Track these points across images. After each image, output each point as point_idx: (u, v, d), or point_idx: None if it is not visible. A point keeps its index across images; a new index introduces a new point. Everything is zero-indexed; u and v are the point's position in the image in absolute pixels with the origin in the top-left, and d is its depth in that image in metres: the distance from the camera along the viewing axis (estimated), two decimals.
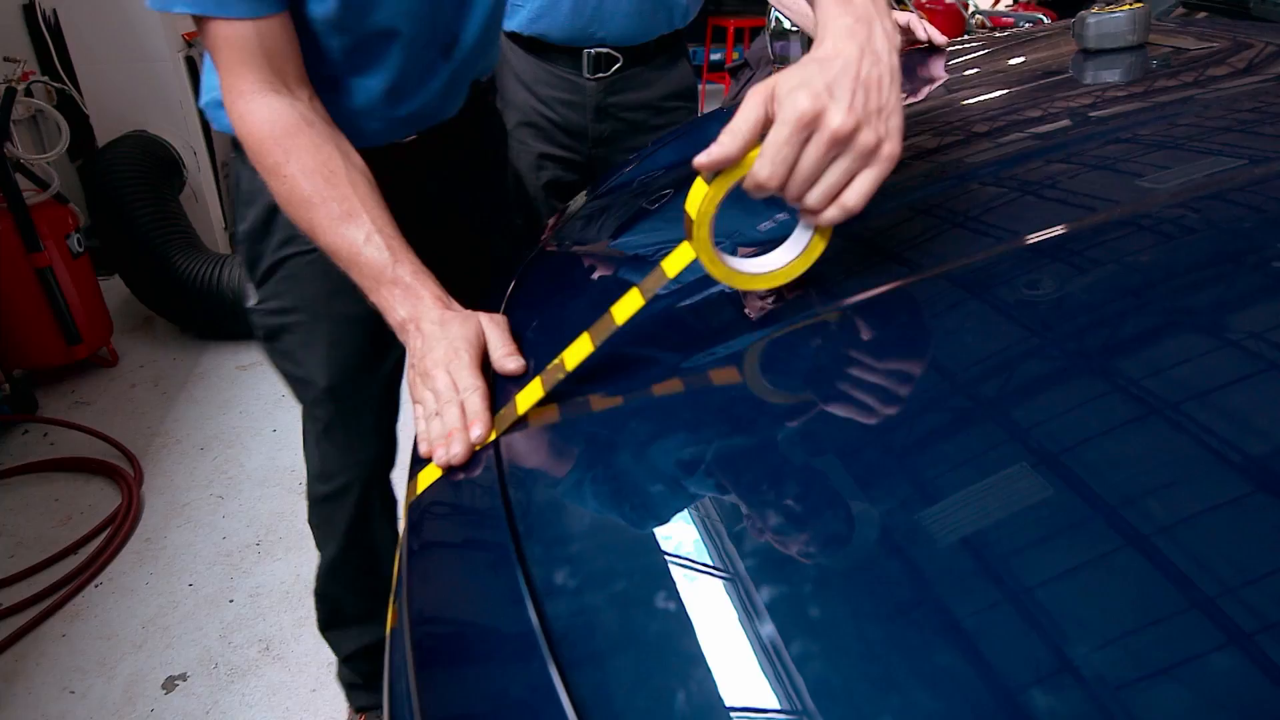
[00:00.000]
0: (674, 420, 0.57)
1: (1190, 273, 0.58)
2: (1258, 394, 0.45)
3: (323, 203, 0.73)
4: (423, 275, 0.74)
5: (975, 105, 1.00)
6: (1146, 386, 0.47)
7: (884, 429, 0.49)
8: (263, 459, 2.05)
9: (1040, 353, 0.52)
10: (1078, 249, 0.62)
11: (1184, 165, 0.71)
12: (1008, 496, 0.42)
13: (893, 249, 0.69)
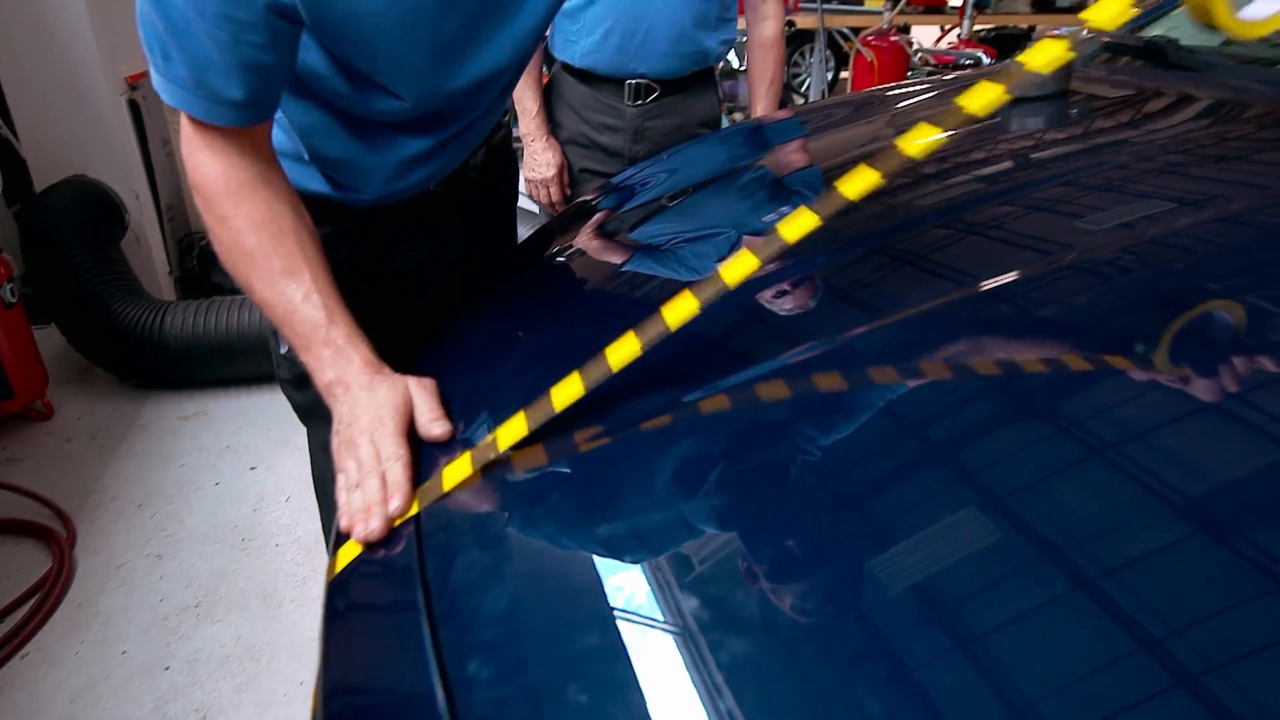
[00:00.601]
0: (604, 491, 0.55)
1: (1117, 315, 0.59)
2: (1196, 432, 0.45)
3: (265, 258, 0.72)
4: (355, 339, 0.73)
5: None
6: (1090, 427, 0.47)
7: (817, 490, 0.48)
8: (204, 514, 1.98)
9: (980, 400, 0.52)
10: (1015, 293, 0.62)
11: (1105, 210, 0.72)
12: (958, 543, 0.42)
13: (847, 295, 0.69)
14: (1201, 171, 0.80)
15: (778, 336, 0.66)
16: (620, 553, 0.50)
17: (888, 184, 0.85)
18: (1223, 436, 0.46)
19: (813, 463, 0.51)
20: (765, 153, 1.24)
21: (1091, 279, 0.63)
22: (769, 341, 0.65)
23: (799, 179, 1.06)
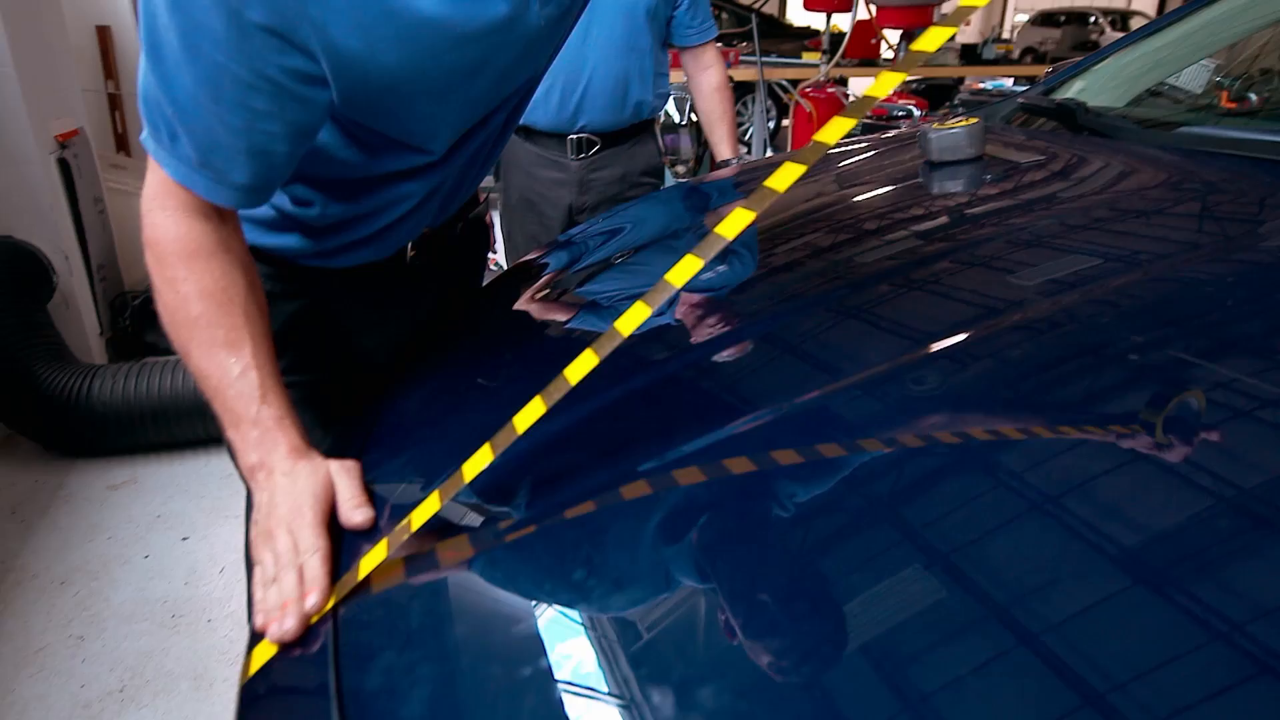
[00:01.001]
0: (531, 580, 0.54)
1: (1045, 371, 0.60)
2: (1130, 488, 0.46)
3: (208, 327, 0.70)
4: (286, 421, 0.71)
5: (836, 213, 1.05)
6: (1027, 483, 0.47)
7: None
8: (131, 590, 1.88)
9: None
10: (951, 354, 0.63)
11: (1020, 271, 0.75)
12: (924, 609, 0.42)
13: (785, 359, 0.70)
14: (1103, 232, 0.83)
15: (693, 417, 0.66)
16: (548, 647, 0.48)
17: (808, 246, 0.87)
18: (1163, 493, 0.47)
19: (748, 555, 0.51)
20: (701, 214, 1.26)
21: (1009, 341, 0.65)
22: (677, 425, 0.65)
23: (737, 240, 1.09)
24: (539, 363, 0.85)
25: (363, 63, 0.65)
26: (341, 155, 0.77)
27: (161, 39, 0.61)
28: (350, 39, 0.63)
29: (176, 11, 0.59)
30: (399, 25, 0.64)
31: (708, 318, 0.83)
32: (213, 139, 0.64)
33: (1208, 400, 0.53)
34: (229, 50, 0.60)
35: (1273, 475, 0.47)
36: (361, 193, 0.85)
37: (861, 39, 5.28)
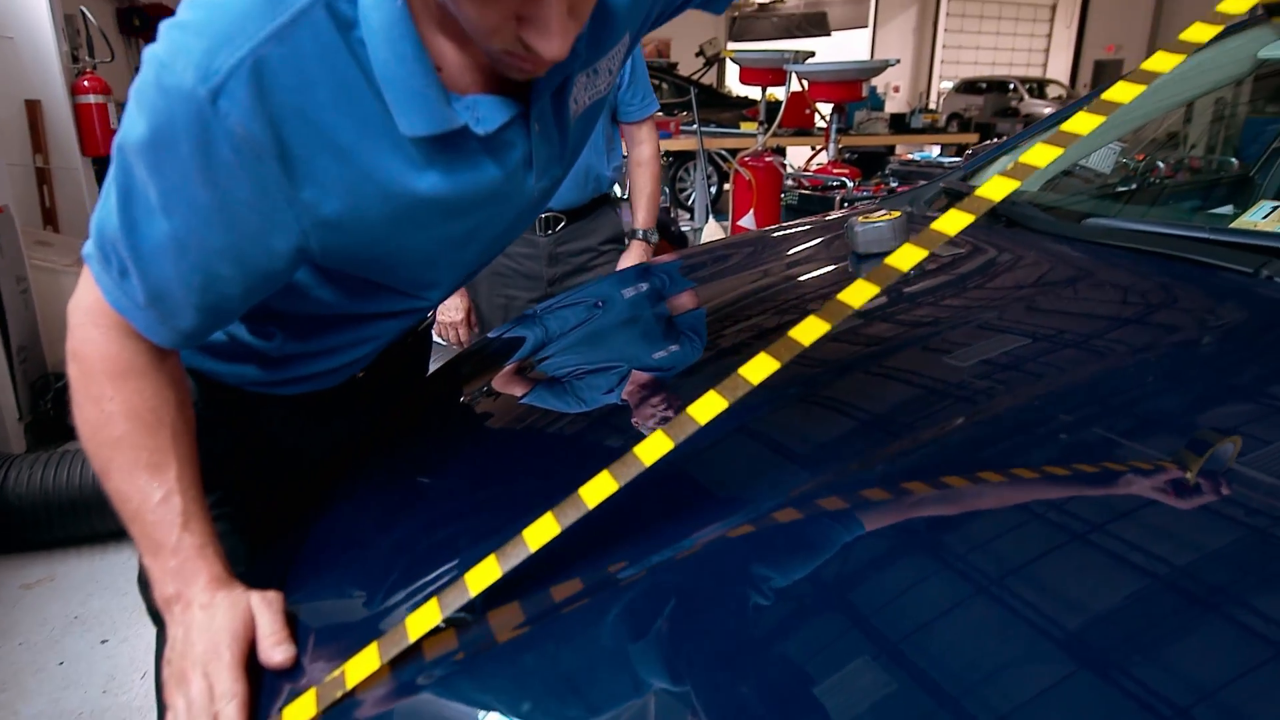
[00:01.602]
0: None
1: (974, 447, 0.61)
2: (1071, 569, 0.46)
3: (132, 448, 0.66)
4: (208, 550, 0.68)
5: (770, 305, 1.07)
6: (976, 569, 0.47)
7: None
8: (44, 703, 1.76)
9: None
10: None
11: (937, 370, 0.77)
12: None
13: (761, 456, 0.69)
14: (1011, 328, 0.87)
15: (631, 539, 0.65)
16: None
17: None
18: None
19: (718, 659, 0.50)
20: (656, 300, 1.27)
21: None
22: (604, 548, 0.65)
23: (686, 320, 1.11)
24: (480, 471, 0.83)
25: (351, 234, 0.64)
26: (317, 294, 0.73)
27: (135, 188, 0.59)
28: (341, 214, 0.62)
29: (158, 173, 0.57)
30: (394, 205, 0.64)
31: (646, 405, 0.83)
32: (166, 289, 0.62)
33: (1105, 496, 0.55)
34: (208, 220, 0.59)
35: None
36: (333, 329, 0.81)
37: (796, 110, 5.51)
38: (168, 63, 0.55)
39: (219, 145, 0.55)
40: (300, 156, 0.58)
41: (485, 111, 0.62)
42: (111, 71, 4.48)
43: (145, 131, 0.56)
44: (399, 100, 0.59)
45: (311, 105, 0.57)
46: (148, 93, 0.56)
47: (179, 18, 0.57)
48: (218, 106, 0.54)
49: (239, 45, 0.54)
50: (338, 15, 0.56)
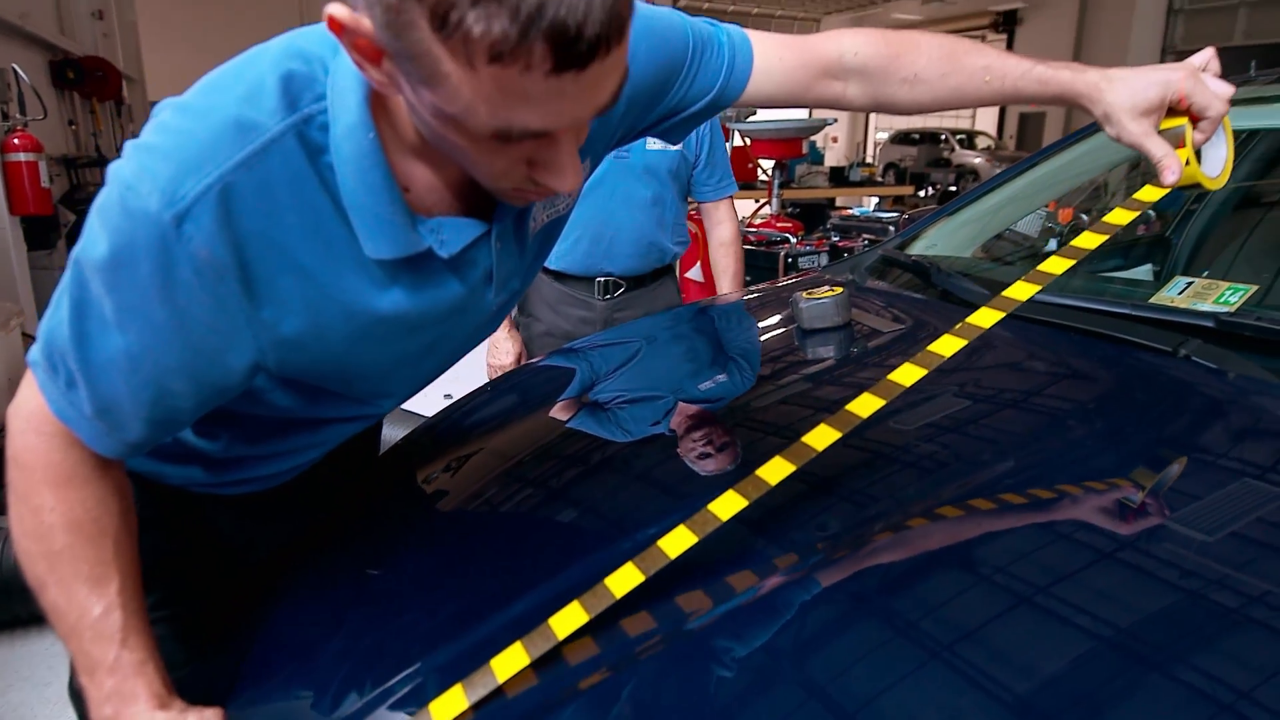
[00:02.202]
0: None
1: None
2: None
3: (73, 560, 0.64)
4: (148, 667, 0.65)
5: (721, 384, 1.08)
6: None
7: None
8: None
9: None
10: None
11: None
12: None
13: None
14: (945, 404, 0.90)
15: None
16: None
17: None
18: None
19: None
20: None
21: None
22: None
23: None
24: (437, 567, 0.81)
25: (310, 352, 0.64)
26: (269, 398, 0.72)
27: (90, 302, 0.57)
28: (301, 333, 0.62)
29: (115, 290, 0.56)
30: (355, 323, 0.64)
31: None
32: (115, 402, 0.61)
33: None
34: (163, 338, 0.58)
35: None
36: (282, 433, 0.79)
37: (739, 165, 5.66)
38: (133, 185, 0.54)
39: (180, 267, 0.55)
40: (262, 277, 0.58)
41: (449, 234, 0.63)
42: (43, 127, 4.37)
43: (106, 250, 0.55)
44: (365, 225, 0.59)
45: (277, 228, 0.57)
46: (111, 212, 0.55)
47: (147, 140, 0.56)
48: (182, 230, 0.54)
49: (207, 172, 0.54)
50: (308, 142, 0.57)
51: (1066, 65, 0.82)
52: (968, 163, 14.04)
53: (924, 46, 0.82)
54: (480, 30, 0.44)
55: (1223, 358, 0.88)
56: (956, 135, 15.89)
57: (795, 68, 0.82)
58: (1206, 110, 0.78)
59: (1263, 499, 0.68)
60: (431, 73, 0.48)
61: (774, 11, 19.32)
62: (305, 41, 0.59)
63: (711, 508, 0.61)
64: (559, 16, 0.44)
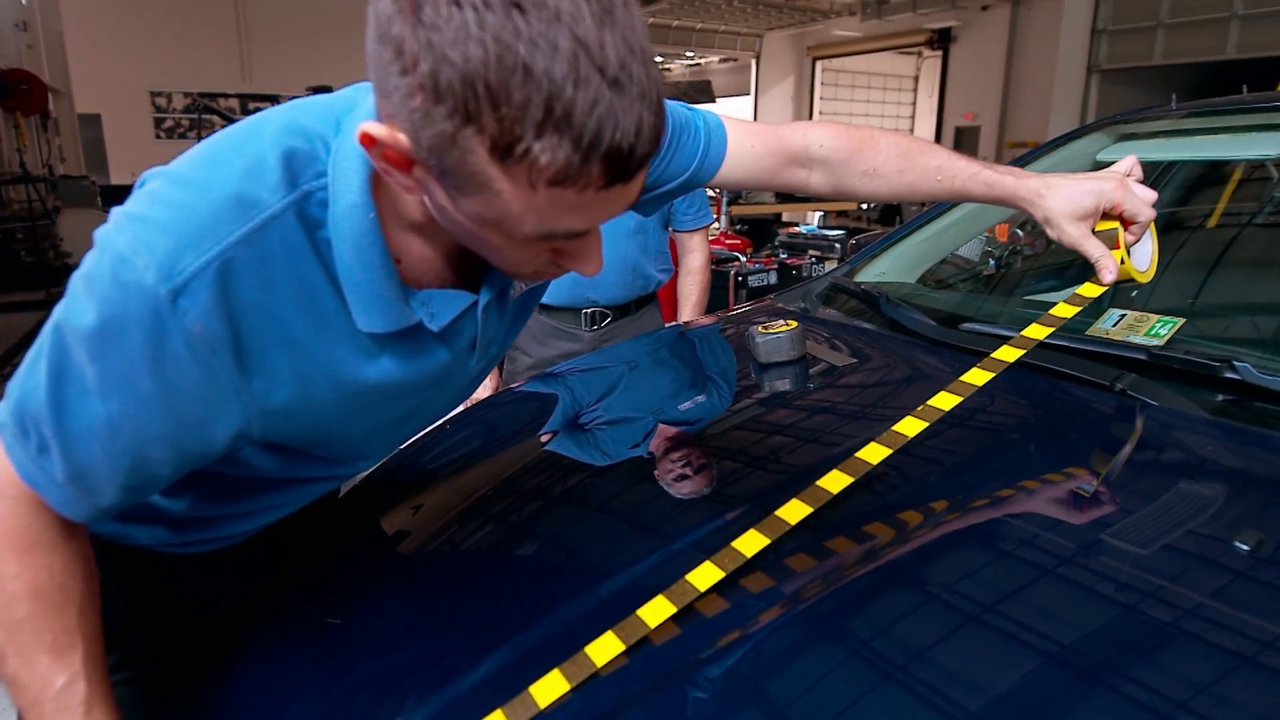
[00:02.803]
0: None
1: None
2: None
3: (35, 630, 0.62)
4: None
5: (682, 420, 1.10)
6: None
7: None
8: None
9: None
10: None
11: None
12: None
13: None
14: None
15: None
16: None
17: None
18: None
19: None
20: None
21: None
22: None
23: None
24: (408, 616, 0.80)
25: (296, 420, 0.64)
26: (242, 457, 0.70)
27: (70, 369, 0.56)
28: (288, 403, 0.62)
29: (101, 360, 0.55)
30: (342, 393, 0.64)
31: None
32: (90, 468, 0.59)
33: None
34: (148, 408, 0.57)
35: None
36: (252, 493, 0.78)
37: None
38: (128, 258, 0.54)
39: (172, 340, 0.55)
40: (254, 350, 0.58)
41: (439, 306, 0.64)
42: None
43: (93, 320, 0.54)
44: (360, 300, 0.60)
45: (272, 302, 0.57)
46: (101, 282, 0.54)
47: (141, 211, 0.56)
48: (177, 305, 0.54)
49: (206, 248, 0.54)
50: (306, 218, 0.57)
51: (1010, 170, 0.90)
52: None
53: (883, 144, 0.90)
54: (546, 160, 0.47)
55: (1154, 391, 0.94)
56: None
57: (765, 155, 0.88)
58: (1137, 216, 0.87)
59: (1182, 533, 0.72)
60: (480, 189, 0.50)
61: (717, 27, 19.61)
62: (305, 118, 0.59)
63: (690, 578, 0.62)
64: (615, 141, 0.48)
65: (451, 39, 0.45)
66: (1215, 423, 0.90)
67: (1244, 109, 1.66)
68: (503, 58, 0.45)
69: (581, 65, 0.46)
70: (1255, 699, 0.53)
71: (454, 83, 0.46)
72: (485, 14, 0.45)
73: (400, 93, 0.48)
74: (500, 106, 0.46)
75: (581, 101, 0.46)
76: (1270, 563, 0.67)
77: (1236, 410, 0.91)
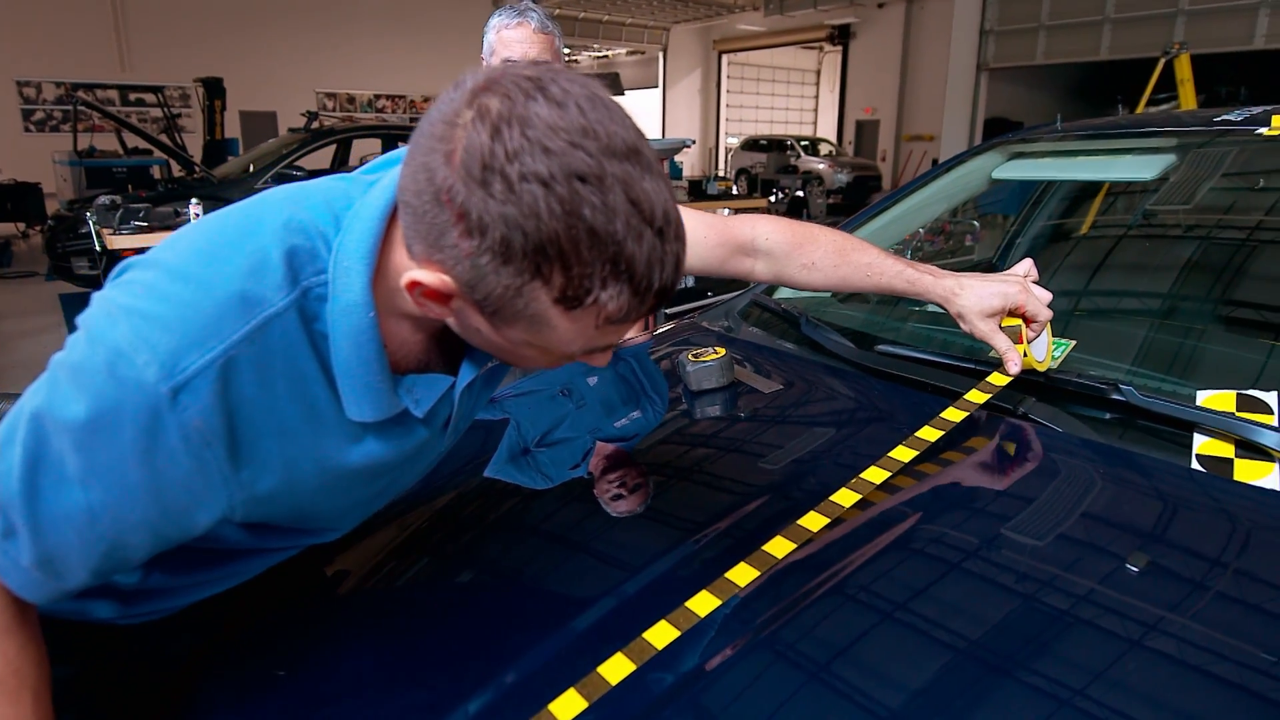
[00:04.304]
0: None
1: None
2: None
3: None
4: None
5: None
6: None
7: None
8: None
9: None
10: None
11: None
12: None
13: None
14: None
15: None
16: None
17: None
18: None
19: None
20: None
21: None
22: None
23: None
24: (376, 666, 0.80)
25: (278, 503, 0.64)
26: (218, 534, 0.69)
27: (48, 458, 0.54)
28: (274, 489, 0.62)
29: (86, 451, 0.53)
30: (326, 476, 0.65)
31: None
32: (61, 554, 0.57)
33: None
34: (132, 497, 0.56)
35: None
36: (213, 564, 0.76)
37: None
38: (126, 353, 0.53)
39: (168, 434, 0.54)
40: (247, 441, 0.58)
41: (422, 392, 0.66)
42: None
43: (83, 412, 0.53)
44: (352, 391, 0.61)
45: (268, 394, 0.58)
46: (94, 375, 0.53)
47: (139, 304, 0.55)
48: (177, 401, 0.53)
49: (210, 346, 0.54)
50: (305, 313, 0.58)
51: (930, 270, 1.01)
52: (813, 169, 14.86)
53: (822, 241, 1.00)
54: (611, 307, 0.54)
55: (1053, 416, 1.02)
56: (801, 142, 16.77)
57: (715, 245, 0.95)
58: (1037, 317, 1.01)
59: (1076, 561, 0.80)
60: (533, 324, 0.55)
61: (624, 20, 19.64)
62: (304, 214, 0.60)
63: (647, 635, 0.65)
64: (664, 282, 0.55)
65: (526, 212, 0.50)
66: (1095, 444, 0.99)
67: (1121, 132, 1.80)
68: (572, 225, 0.50)
69: (635, 221, 0.52)
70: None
71: (526, 248, 0.51)
72: (554, 186, 0.50)
73: (461, 250, 0.52)
74: (571, 267, 0.52)
75: (639, 254, 0.52)
76: (1158, 580, 0.75)
77: (1123, 429, 1.01)
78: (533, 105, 0.51)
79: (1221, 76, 13.09)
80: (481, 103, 0.52)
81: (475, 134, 0.51)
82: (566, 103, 0.51)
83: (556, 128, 0.50)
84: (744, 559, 0.77)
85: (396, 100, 17.49)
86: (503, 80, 0.53)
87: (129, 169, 7.60)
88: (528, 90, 0.52)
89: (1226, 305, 1.43)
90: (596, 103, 0.53)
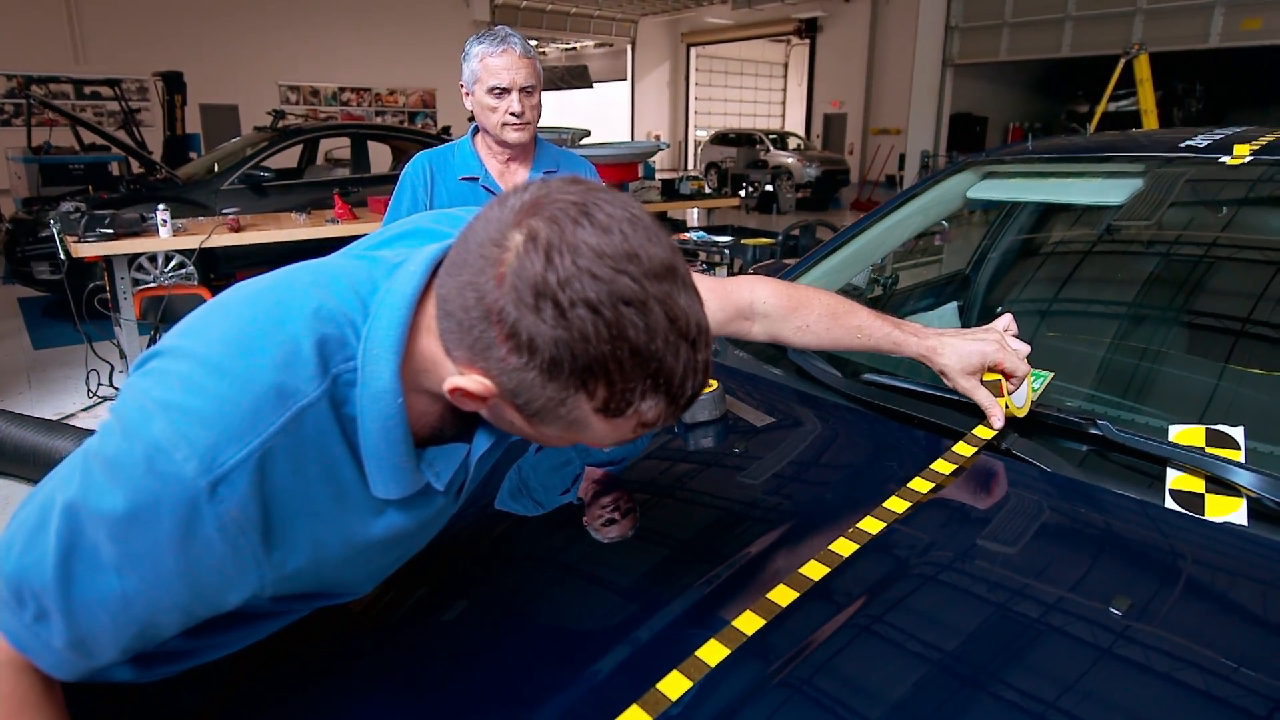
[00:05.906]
0: None
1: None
2: None
3: None
4: None
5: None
6: None
7: None
8: None
9: None
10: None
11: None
12: None
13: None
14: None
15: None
16: None
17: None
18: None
19: None
20: None
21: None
22: None
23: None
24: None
25: (303, 577, 0.66)
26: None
27: (83, 548, 0.56)
28: (302, 566, 0.64)
29: (123, 541, 0.55)
30: (351, 550, 0.67)
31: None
32: (93, 636, 0.59)
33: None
34: (167, 583, 0.57)
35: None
36: (233, 628, 0.76)
37: None
38: (166, 449, 0.54)
39: (205, 524, 0.56)
40: (280, 525, 0.60)
41: (441, 466, 0.68)
42: None
43: (122, 506, 0.54)
44: (380, 472, 0.63)
45: (301, 480, 0.59)
46: (133, 470, 0.55)
47: (175, 399, 0.56)
48: (216, 494, 0.55)
49: (248, 440, 0.55)
50: (335, 399, 0.60)
51: (915, 330, 1.07)
52: (783, 163, 14.94)
53: (816, 304, 1.05)
54: (651, 415, 0.58)
55: (1034, 450, 1.06)
56: (769, 135, 16.83)
57: (716, 310, 0.98)
58: (1016, 371, 1.06)
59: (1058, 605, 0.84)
60: (572, 426, 0.59)
61: (592, 12, 19.53)
62: (331, 301, 0.61)
63: (660, 687, 0.67)
64: (695, 389, 0.59)
65: (576, 335, 0.53)
66: (1073, 480, 1.03)
67: (1090, 156, 1.86)
68: (618, 347, 0.54)
69: (673, 337, 0.56)
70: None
71: (575, 368, 0.54)
72: (602, 311, 0.53)
73: (508, 364, 0.55)
74: (615, 383, 0.55)
75: (676, 367, 0.56)
76: (1141, 619, 0.80)
77: (1098, 461, 1.05)
78: (580, 232, 0.54)
79: (1178, 74, 13.44)
80: (530, 226, 0.54)
81: (526, 259, 0.53)
82: (611, 228, 0.54)
83: (603, 254, 0.53)
84: (749, 606, 0.80)
85: (361, 93, 17.23)
86: (548, 204, 0.55)
87: (86, 166, 7.39)
88: (575, 217, 0.54)
89: (1203, 332, 1.49)
90: (637, 225, 0.55)
